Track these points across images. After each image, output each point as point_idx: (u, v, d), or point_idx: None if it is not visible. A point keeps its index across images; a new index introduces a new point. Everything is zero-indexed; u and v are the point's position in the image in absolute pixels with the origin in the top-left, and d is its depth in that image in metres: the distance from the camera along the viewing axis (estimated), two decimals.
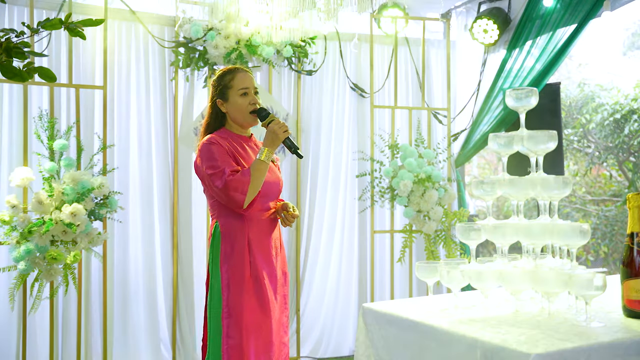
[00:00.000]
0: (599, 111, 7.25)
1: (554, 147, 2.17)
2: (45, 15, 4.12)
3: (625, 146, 7.10)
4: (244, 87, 2.75)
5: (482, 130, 4.84)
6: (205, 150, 2.67)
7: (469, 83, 5.12)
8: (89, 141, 4.15)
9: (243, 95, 2.75)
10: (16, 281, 3.59)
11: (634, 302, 1.96)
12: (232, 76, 2.77)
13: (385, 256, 5.02)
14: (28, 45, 1.69)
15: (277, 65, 4.63)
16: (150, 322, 4.43)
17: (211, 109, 2.82)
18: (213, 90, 2.81)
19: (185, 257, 4.49)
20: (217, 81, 2.81)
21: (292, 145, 2.70)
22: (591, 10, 4.08)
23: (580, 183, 8.89)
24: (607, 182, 8.87)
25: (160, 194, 4.47)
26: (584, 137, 7.66)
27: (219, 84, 2.79)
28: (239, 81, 2.76)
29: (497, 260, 2.20)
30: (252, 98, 2.76)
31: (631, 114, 6.94)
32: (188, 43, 4.39)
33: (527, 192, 2.17)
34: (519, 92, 2.26)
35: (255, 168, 2.63)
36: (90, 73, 4.29)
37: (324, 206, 4.97)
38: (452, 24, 5.24)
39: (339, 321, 5.01)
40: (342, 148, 5.05)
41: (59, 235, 3.56)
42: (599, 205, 8.72)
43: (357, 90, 5.03)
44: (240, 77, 2.77)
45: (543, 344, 1.66)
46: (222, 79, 2.79)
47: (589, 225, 2.01)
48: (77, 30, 1.74)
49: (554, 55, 4.33)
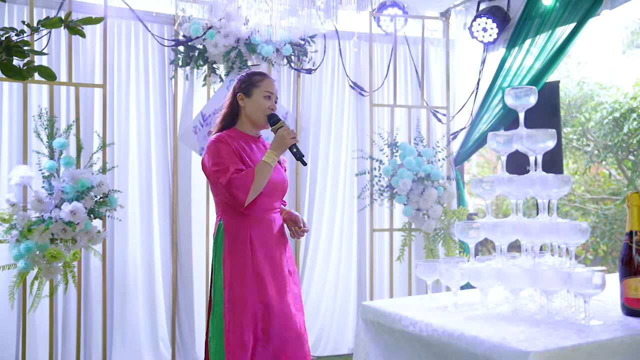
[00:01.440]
0: (598, 110, 7.25)
1: (553, 145, 2.17)
2: (44, 13, 4.13)
3: (625, 145, 7.10)
4: (269, 91, 2.89)
5: (481, 128, 4.84)
6: (212, 147, 2.77)
7: (468, 81, 5.12)
8: (89, 139, 4.15)
9: (266, 97, 2.88)
10: (16, 279, 3.60)
11: (633, 300, 1.96)
12: (262, 78, 2.92)
13: (385, 254, 5.02)
14: (28, 44, 1.69)
15: (277, 63, 4.63)
16: (150, 320, 4.44)
17: (230, 102, 2.93)
18: (238, 85, 2.93)
19: (185, 255, 4.49)
20: (245, 77, 2.93)
21: (298, 152, 2.82)
22: (590, 8, 4.08)
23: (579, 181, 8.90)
24: (606, 180, 8.88)
25: (159, 192, 4.48)
26: (583, 135, 7.67)
27: (246, 80, 2.92)
28: (267, 85, 2.90)
29: (496, 259, 2.20)
30: (272, 103, 2.89)
31: (630, 113, 6.94)
32: (187, 41, 4.39)
33: (526, 190, 2.18)
34: (518, 91, 2.26)
35: (259, 169, 2.72)
36: (90, 71, 4.29)
37: (323, 204, 4.98)
38: (452, 22, 5.24)
39: (338, 319, 5.02)
40: (341, 146, 5.05)
41: (58, 233, 3.57)
42: (598, 203, 8.73)
43: (356, 89, 5.03)
44: (269, 82, 2.92)
45: (542, 342, 1.66)
46: (252, 77, 2.93)
47: (588, 223, 2.01)
48: (77, 29, 1.74)
49: (553, 54, 4.33)
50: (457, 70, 5.24)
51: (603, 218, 7.84)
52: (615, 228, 7.70)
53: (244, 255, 2.75)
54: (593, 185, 9.07)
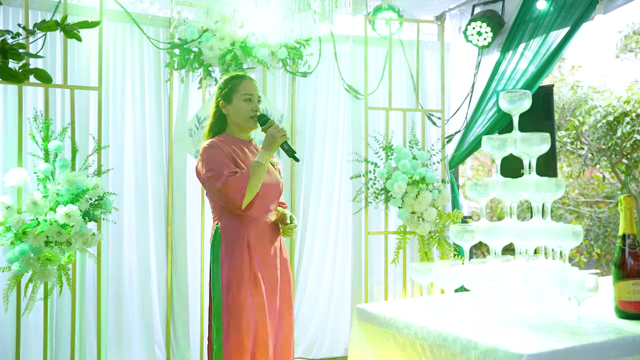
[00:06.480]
0: (592, 113, 7.28)
1: (547, 149, 2.19)
2: (40, 16, 4.12)
3: (618, 148, 7.13)
4: (248, 93, 2.87)
5: (475, 132, 4.86)
6: (205, 154, 2.78)
7: (462, 85, 5.13)
8: (84, 142, 4.14)
9: (246, 100, 2.87)
10: (10, 282, 3.58)
11: (626, 303, 1.98)
12: (239, 81, 2.90)
13: (380, 257, 5.03)
14: (24, 47, 1.69)
15: (272, 66, 4.64)
16: (145, 323, 4.43)
17: (214, 112, 2.93)
18: (218, 93, 2.94)
19: (180, 259, 4.49)
20: (223, 84, 2.93)
21: (290, 149, 2.82)
22: (584, 13, 4.10)
23: (573, 185, 8.93)
24: (600, 184, 8.92)
25: (154, 195, 4.47)
26: (577, 139, 7.70)
27: (224, 86, 2.92)
28: (245, 87, 2.89)
29: (491, 262, 2.21)
30: (254, 105, 2.88)
31: (624, 116, 6.97)
32: (183, 44, 4.39)
33: (520, 193, 2.19)
34: (513, 95, 2.28)
35: (253, 170, 2.72)
36: (85, 74, 4.29)
37: (318, 207, 4.98)
38: (446, 26, 5.26)
39: (333, 322, 5.02)
40: (336, 149, 5.06)
41: (53, 236, 3.56)
42: (591, 207, 8.76)
43: (351, 92, 5.04)
44: (247, 83, 2.90)
45: (536, 344, 1.67)
46: (229, 82, 2.92)
47: (582, 226, 2.03)
48: (73, 32, 1.75)
49: (547, 58, 4.35)
50: (452, 74, 5.26)
51: (597, 221, 7.87)
52: (609, 231, 7.73)
53: (242, 258, 2.76)
54: (587, 189, 9.11)
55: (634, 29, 8.59)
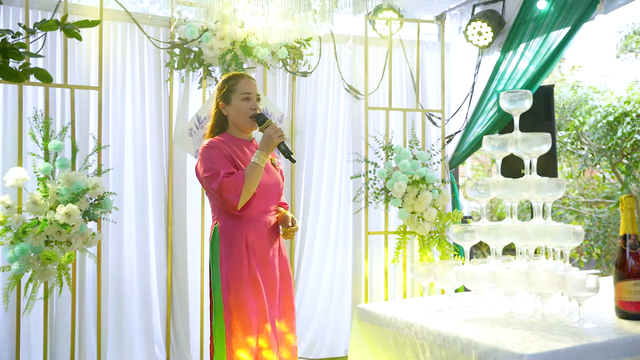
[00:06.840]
0: (592, 113, 7.27)
1: (547, 149, 2.18)
2: (40, 15, 4.12)
3: (618, 148, 7.12)
4: (246, 92, 2.87)
5: (476, 132, 4.86)
6: (204, 154, 2.78)
7: (463, 85, 5.13)
8: (84, 142, 4.15)
9: (245, 99, 2.87)
10: (10, 281, 3.58)
11: (627, 303, 1.98)
12: (237, 80, 2.89)
13: (380, 257, 5.03)
14: (24, 46, 1.69)
15: (272, 66, 4.64)
16: (145, 322, 4.43)
17: (215, 113, 2.93)
18: (217, 94, 2.93)
19: (180, 258, 4.49)
20: (221, 84, 2.93)
21: (286, 150, 2.80)
22: (585, 13, 4.10)
23: (573, 185, 8.93)
24: (600, 184, 8.91)
25: (154, 194, 4.47)
26: (577, 139, 7.69)
27: (223, 87, 2.92)
28: (243, 86, 2.88)
29: (491, 262, 2.21)
30: (253, 103, 2.87)
31: (624, 117, 6.96)
32: (183, 44, 4.39)
33: (520, 194, 2.19)
34: (513, 95, 2.28)
35: (250, 171, 2.71)
36: (86, 74, 4.29)
37: (319, 207, 4.98)
38: (447, 26, 5.26)
39: (333, 322, 5.02)
40: (336, 149, 5.06)
41: (53, 235, 3.56)
42: (592, 207, 8.76)
43: (351, 92, 5.04)
44: (245, 82, 2.88)
45: (536, 345, 1.67)
46: (227, 82, 2.91)
47: (582, 227, 2.03)
48: (74, 32, 1.74)
49: (548, 58, 4.35)
50: (452, 74, 5.26)
51: (597, 221, 7.86)
52: (609, 231, 7.72)
53: (240, 258, 2.76)
54: (587, 189, 9.10)
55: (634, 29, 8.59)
